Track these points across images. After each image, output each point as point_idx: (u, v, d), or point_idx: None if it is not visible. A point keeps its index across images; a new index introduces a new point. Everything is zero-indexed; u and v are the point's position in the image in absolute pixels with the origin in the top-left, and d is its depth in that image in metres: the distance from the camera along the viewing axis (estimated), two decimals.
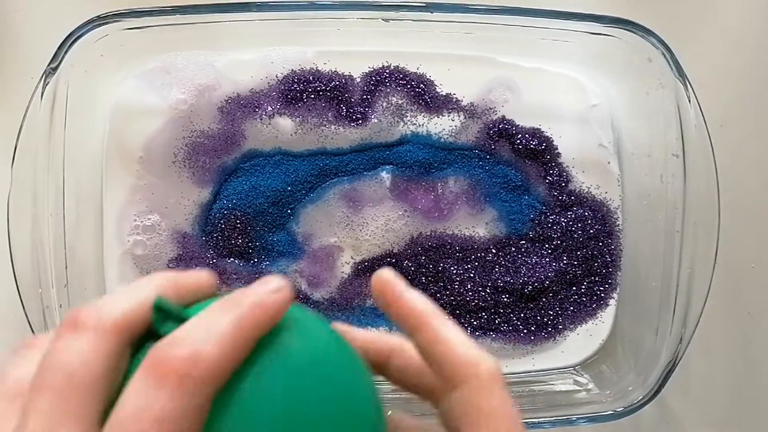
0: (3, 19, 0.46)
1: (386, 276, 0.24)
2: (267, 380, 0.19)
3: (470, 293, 0.45)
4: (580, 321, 0.46)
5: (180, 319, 0.20)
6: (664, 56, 0.41)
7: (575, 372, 0.46)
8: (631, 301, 0.46)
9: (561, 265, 0.46)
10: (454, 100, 0.45)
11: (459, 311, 0.45)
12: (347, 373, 0.22)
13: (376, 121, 0.44)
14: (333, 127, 0.44)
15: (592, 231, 0.46)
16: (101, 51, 0.41)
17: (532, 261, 0.45)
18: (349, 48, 0.45)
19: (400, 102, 0.45)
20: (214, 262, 0.44)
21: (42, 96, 0.39)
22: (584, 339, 0.46)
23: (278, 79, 0.44)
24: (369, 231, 0.45)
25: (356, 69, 0.45)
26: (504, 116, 0.45)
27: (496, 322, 0.45)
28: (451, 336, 0.23)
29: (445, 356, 0.22)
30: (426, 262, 0.45)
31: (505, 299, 0.45)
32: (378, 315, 0.45)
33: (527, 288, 0.45)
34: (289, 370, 0.20)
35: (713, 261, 0.41)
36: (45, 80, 0.39)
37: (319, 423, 0.20)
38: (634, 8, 0.45)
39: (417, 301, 0.23)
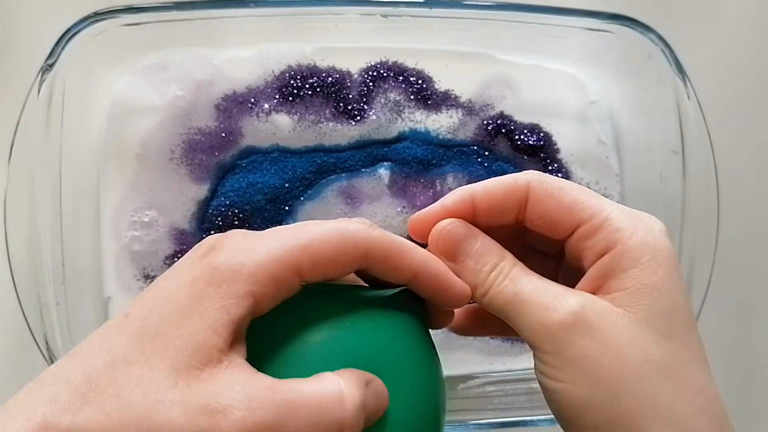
0: (0, 15, 0.46)
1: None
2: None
3: None
4: None
5: None
6: (663, 53, 0.41)
7: None
8: None
9: None
10: (453, 96, 0.45)
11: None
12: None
13: (374, 117, 0.44)
14: (331, 123, 0.44)
15: None
16: (98, 47, 0.41)
17: None
18: (348, 44, 0.45)
19: (398, 98, 0.45)
20: None
21: (39, 92, 0.39)
22: None
23: (275, 75, 0.44)
24: None
25: (354, 65, 0.45)
26: (502, 112, 0.45)
27: None
28: None
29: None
30: None
31: None
32: None
33: None
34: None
35: (712, 257, 0.41)
36: (42, 77, 0.39)
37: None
38: (632, 4, 0.45)
39: None
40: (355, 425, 0.21)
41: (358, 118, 0.44)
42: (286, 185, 0.44)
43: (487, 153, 0.45)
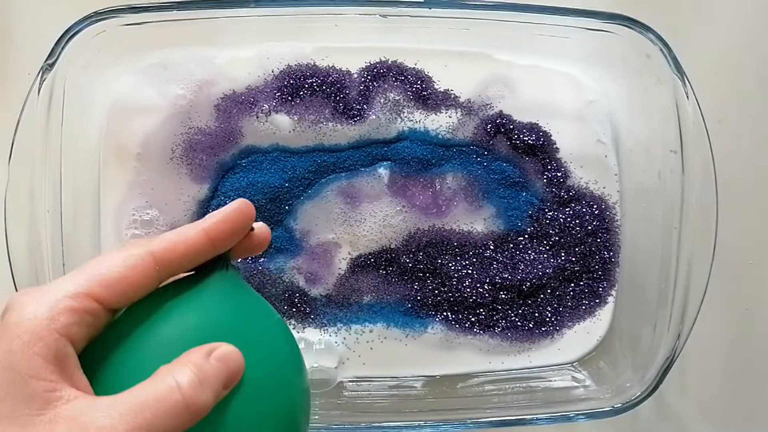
0: (0, 14, 0.46)
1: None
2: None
3: (468, 289, 0.45)
4: (579, 318, 0.46)
5: None
6: (662, 52, 0.41)
7: (573, 368, 0.46)
8: (629, 298, 0.46)
9: (559, 261, 0.46)
10: (452, 96, 0.45)
11: (457, 308, 0.45)
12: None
13: (373, 117, 0.44)
14: (330, 123, 0.44)
15: (590, 227, 0.46)
16: (99, 47, 0.41)
17: (530, 257, 0.45)
18: (347, 44, 0.45)
19: (397, 98, 0.45)
20: None
21: (39, 92, 0.39)
22: (582, 335, 0.46)
23: (275, 75, 0.44)
24: (366, 227, 0.45)
25: (354, 65, 0.45)
26: (501, 111, 0.45)
27: (494, 318, 0.45)
28: None
29: None
30: (424, 258, 0.45)
31: (503, 296, 0.45)
32: (375, 312, 0.45)
33: (525, 284, 0.45)
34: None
35: (711, 257, 0.41)
36: (42, 76, 0.39)
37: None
38: (631, 4, 0.45)
39: None
40: (199, 400, 0.23)
41: (358, 117, 0.44)
42: (286, 185, 0.44)
43: (486, 152, 0.45)
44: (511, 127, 0.45)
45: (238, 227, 0.27)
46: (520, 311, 0.45)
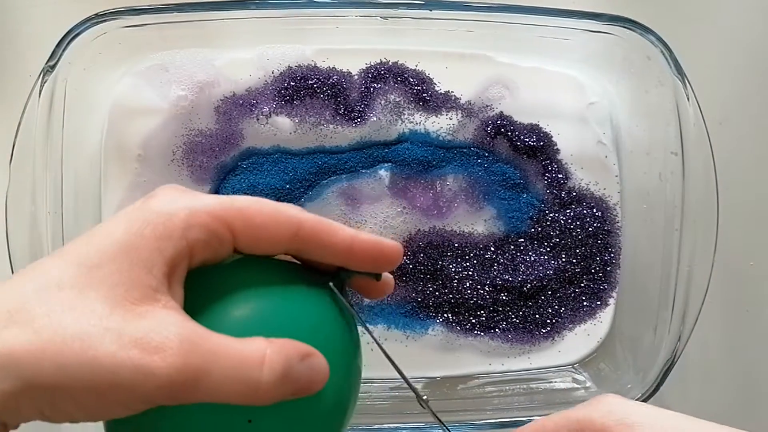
0: (1, 16, 0.46)
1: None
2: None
3: (469, 291, 0.45)
4: (579, 320, 0.46)
5: None
6: (663, 54, 0.41)
7: (574, 370, 0.46)
8: (630, 299, 0.46)
9: (560, 263, 0.46)
10: (453, 98, 0.45)
11: (457, 309, 0.45)
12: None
13: (374, 119, 0.44)
14: (331, 125, 0.44)
15: (591, 229, 0.46)
16: (99, 49, 0.41)
17: (531, 259, 0.45)
18: (348, 46, 0.45)
19: (398, 99, 0.45)
20: None
21: (40, 94, 0.39)
22: (583, 337, 0.46)
23: (275, 77, 0.44)
24: (367, 228, 0.45)
25: (355, 67, 0.45)
26: (502, 113, 0.45)
27: (495, 320, 0.45)
28: None
29: None
30: (424, 260, 0.45)
31: (504, 297, 0.45)
32: (376, 313, 0.45)
33: (526, 286, 0.45)
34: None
35: (712, 259, 0.41)
36: (43, 78, 0.39)
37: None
38: (633, 6, 0.45)
39: None
40: (272, 390, 0.22)
41: (359, 119, 0.44)
42: (287, 186, 0.44)
43: (486, 154, 0.45)
44: (512, 128, 0.45)
45: (380, 260, 0.26)
46: (520, 313, 0.45)
